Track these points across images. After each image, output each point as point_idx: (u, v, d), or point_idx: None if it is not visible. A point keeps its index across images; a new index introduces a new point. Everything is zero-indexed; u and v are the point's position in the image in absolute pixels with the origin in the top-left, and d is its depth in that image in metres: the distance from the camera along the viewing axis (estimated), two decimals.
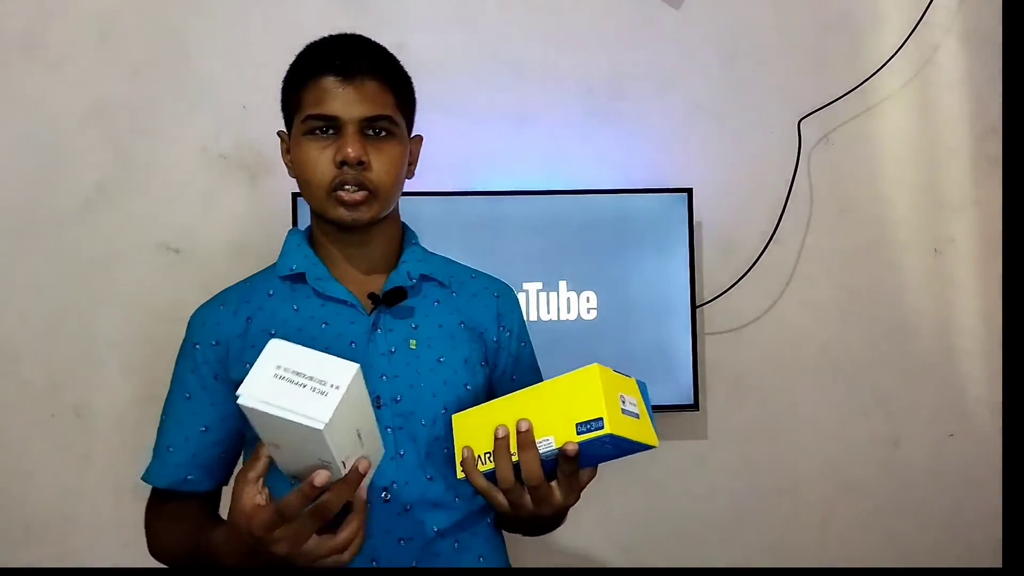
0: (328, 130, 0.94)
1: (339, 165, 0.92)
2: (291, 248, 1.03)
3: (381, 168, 0.94)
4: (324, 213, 0.96)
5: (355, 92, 0.92)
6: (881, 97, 1.81)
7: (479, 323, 1.02)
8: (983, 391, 1.80)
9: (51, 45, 1.69)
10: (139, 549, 1.66)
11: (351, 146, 0.91)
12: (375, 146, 0.94)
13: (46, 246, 1.67)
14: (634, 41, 1.78)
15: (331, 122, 0.93)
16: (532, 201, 1.65)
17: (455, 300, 1.03)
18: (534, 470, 0.77)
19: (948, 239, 1.81)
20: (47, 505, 1.66)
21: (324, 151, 0.93)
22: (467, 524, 0.97)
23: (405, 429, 0.93)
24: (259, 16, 1.72)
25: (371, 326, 0.96)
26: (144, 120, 1.70)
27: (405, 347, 0.96)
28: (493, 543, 1.01)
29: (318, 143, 0.94)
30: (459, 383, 0.97)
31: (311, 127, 0.94)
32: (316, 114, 0.93)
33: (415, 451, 0.93)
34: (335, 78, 0.93)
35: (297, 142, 0.96)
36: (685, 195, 1.67)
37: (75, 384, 1.67)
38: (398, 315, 0.98)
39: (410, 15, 1.74)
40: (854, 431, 1.79)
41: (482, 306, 1.04)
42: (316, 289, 0.97)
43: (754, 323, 1.79)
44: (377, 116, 0.93)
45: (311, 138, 0.94)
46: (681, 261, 1.67)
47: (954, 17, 1.82)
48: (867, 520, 1.80)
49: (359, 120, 0.93)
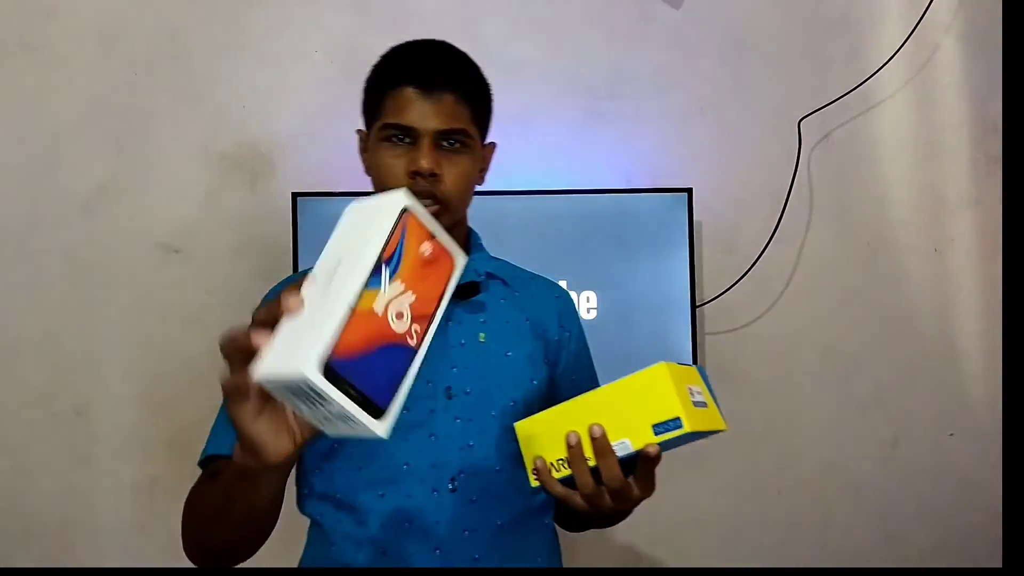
0: (404, 139, 0.96)
1: (411, 175, 0.94)
2: None
3: (452, 180, 0.96)
4: None
5: (433, 105, 0.95)
6: (881, 97, 1.81)
7: (541, 322, 1.05)
8: (983, 391, 1.80)
9: (51, 45, 1.69)
10: (139, 549, 1.67)
11: (424, 158, 0.93)
12: (448, 158, 0.96)
13: (46, 246, 1.67)
14: (634, 41, 1.78)
15: (407, 132, 0.95)
16: (532, 201, 1.65)
17: (519, 299, 1.05)
18: (615, 474, 0.76)
19: (948, 239, 1.81)
20: (47, 505, 1.66)
21: (399, 159, 0.95)
22: (528, 520, 0.98)
23: (475, 421, 0.95)
24: (259, 16, 1.72)
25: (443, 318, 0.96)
26: (144, 120, 1.70)
27: (475, 340, 0.98)
28: (551, 544, 1.02)
29: (394, 150, 0.96)
30: (526, 377, 0.99)
31: (388, 134, 0.96)
32: (393, 123, 0.95)
33: (484, 443, 0.94)
34: (415, 90, 0.95)
35: (375, 146, 0.98)
36: (685, 195, 1.67)
37: (75, 384, 1.67)
38: (468, 309, 1.00)
39: (410, 15, 1.74)
40: (854, 431, 1.79)
41: (543, 306, 1.07)
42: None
43: (754, 323, 1.79)
44: (452, 130, 0.96)
45: (388, 145, 0.96)
46: (681, 261, 1.67)
47: (954, 17, 1.81)
48: (867, 520, 1.80)
49: (434, 132, 0.95)
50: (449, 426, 0.94)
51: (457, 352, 0.97)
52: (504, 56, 1.74)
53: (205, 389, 1.68)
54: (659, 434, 0.74)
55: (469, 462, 0.94)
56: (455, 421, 0.94)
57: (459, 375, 0.96)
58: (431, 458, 0.93)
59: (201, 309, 1.69)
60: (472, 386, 0.96)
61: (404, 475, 0.92)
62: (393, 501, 0.92)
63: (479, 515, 0.93)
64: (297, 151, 1.72)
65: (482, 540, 0.93)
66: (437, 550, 0.91)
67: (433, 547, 0.91)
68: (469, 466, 0.94)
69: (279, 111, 1.72)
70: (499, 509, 0.94)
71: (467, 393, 0.95)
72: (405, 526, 0.91)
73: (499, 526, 0.94)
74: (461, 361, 0.96)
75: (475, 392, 0.96)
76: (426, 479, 0.92)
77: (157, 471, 1.68)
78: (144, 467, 1.68)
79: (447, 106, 0.95)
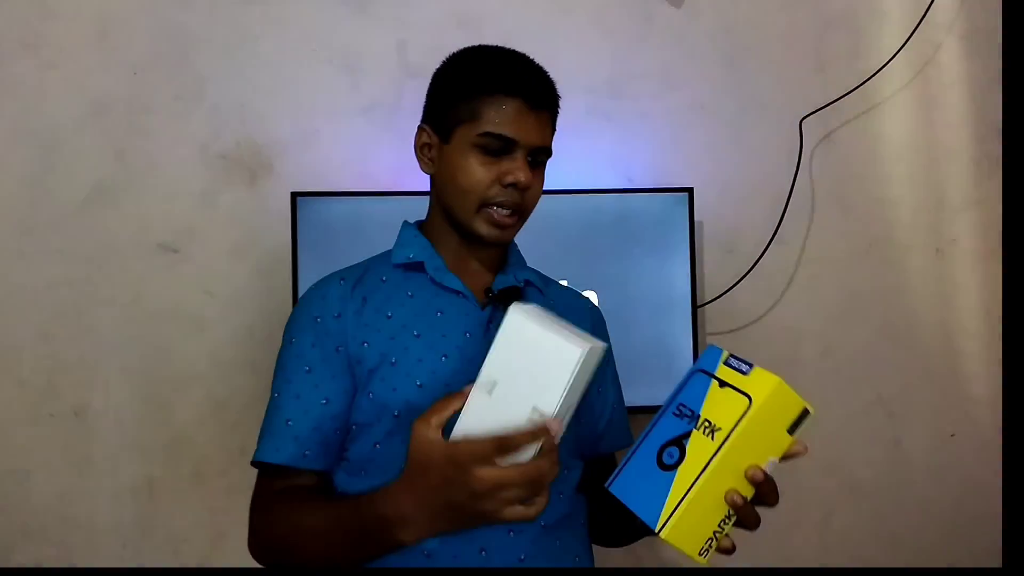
0: (499, 151, 0.97)
1: (506, 186, 0.96)
2: (408, 239, 1.05)
3: (533, 194, 1.00)
4: (468, 224, 0.99)
5: (536, 121, 0.97)
6: (882, 97, 1.80)
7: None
8: (984, 391, 1.80)
9: (51, 44, 1.68)
10: (138, 549, 1.67)
11: (523, 171, 0.96)
12: (534, 173, 0.99)
13: (46, 246, 1.67)
14: (635, 40, 1.78)
15: (507, 143, 0.96)
16: None
17: (555, 308, 1.06)
18: (776, 492, 0.82)
19: (950, 239, 1.81)
20: (46, 505, 1.66)
21: (490, 167, 0.97)
22: (568, 522, 0.98)
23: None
24: (259, 16, 1.72)
25: (486, 320, 0.99)
26: (144, 120, 1.70)
27: None
28: (586, 543, 1.03)
29: (486, 158, 0.97)
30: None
31: (485, 143, 0.96)
32: (497, 133, 0.96)
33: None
34: (523, 104, 0.96)
35: (463, 152, 0.98)
36: (686, 195, 1.67)
37: (74, 385, 1.67)
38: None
39: (410, 15, 1.73)
40: (854, 431, 1.79)
41: (577, 317, 1.07)
42: (434, 279, 1.00)
43: (755, 323, 1.78)
44: (544, 147, 1.00)
45: (481, 152, 0.97)
46: (682, 261, 1.66)
47: (955, 17, 1.81)
48: (867, 520, 1.79)
49: (530, 147, 0.97)
50: None
51: None
52: None
53: (204, 390, 1.69)
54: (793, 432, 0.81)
55: None
56: None
57: None
58: None
59: (200, 309, 1.69)
60: None
61: None
62: None
63: None
64: (297, 151, 1.71)
65: (527, 541, 0.93)
66: (482, 552, 0.91)
67: (478, 549, 0.91)
68: None
69: (279, 111, 1.72)
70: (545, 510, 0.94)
71: None
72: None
73: (543, 528, 0.94)
74: None
75: None
76: None
77: (156, 472, 1.68)
78: (143, 468, 1.68)
79: (544, 123, 0.99)
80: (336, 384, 0.96)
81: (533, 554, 0.93)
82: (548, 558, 0.94)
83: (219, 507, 1.67)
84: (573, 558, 0.98)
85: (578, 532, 1.01)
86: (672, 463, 0.81)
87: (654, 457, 0.82)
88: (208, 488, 1.67)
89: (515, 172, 0.95)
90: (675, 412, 0.83)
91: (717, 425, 0.80)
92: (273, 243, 1.68)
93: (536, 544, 0.93)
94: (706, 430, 0.80)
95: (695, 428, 0.81)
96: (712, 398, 0.82)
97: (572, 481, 1.00)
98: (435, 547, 0.89)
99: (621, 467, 0.85)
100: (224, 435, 1.68)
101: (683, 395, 0.84)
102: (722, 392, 0.81)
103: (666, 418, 0.84)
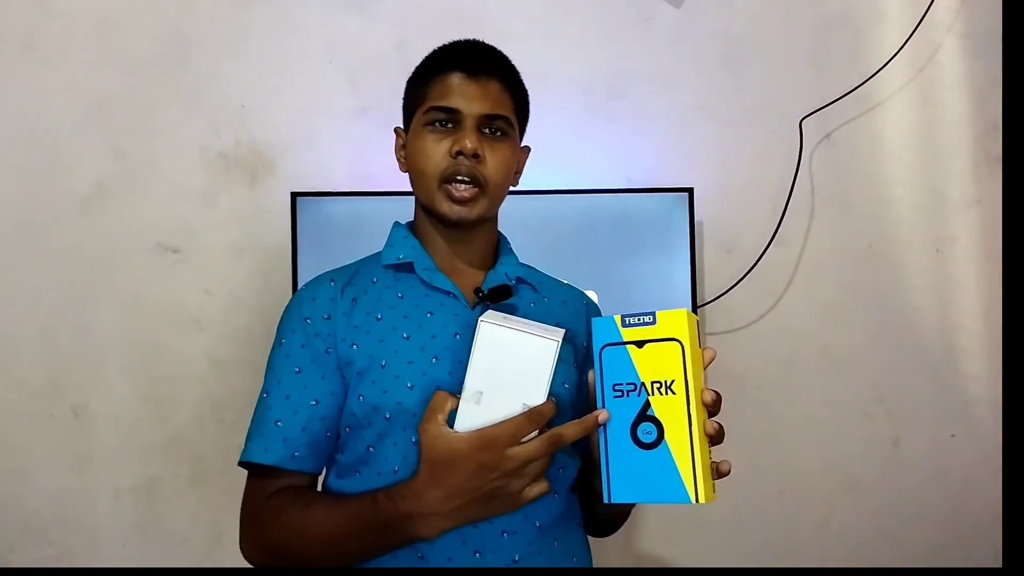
0: (448, 123, 0.97)
1: (454, 155, 0.96)
2: (398, 239, 1.05)
3: (493, 164, 0.98)
4: (432, 205, 0.99)
5: (478, 89, 0.97)
6: (882, 97, 1.80)
7: (570, 327, 1.04)
8: (984, 391, 1.80)
9: (50, 44, 1.68)
10: (138, 549, 1.67)
11: (469, 138, 0.95)
12: (490, 144, 0.98)
13: (45, 246, 1.67)
14: (634, 40, 1.78)
15: (452, 115, 0.97)
16: (532, 201, 1.64)
17: (548, 304, 1.06)
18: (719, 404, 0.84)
19: (950, 238, 1.81)
20: (46, 505, 1.66)
21: (441, 142, 0.97)
22: (563, 521, 0.98)
23: None
24: (259, 16, 1.72)
25: (477, 320, 0.97)
26: (144, 119, 1.70)
27: None
28: (583, 543, 1.02)
29: (436, 134, 0.98)
30: (559, 380, 0.98)
31: (432, 119, 0.98)
32: (439, 106, 0.97)
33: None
34: (461, 74, 0.97)
35: (416, 133, 1.00)
36: (686, 195, 1.67)
37: (74, 384, 1.67)
38: (500, 311, 1.00)
39: (410, 15, 1.73)
40: (854, 431, 1.79)
41: (572, 312, 1.07)
42: (423, 279, 1.00)
43: (755, 323, 1.78)
44: (496, 115, 0.98)
45: (431, 129, 0.98)
46: (682, 261, 1.67)
47: (955, 17, 1.81)
48: (867, 520, 1.79)
49: (479, 116, 0.97)
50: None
51: None
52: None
53: (203, 389, 1.69)
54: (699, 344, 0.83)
55: None
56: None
57: None
58: None
59: (200, 309, 1.69)
60: None
61: None
62: None
63: (517, 517, 0.92)
64: (296, 151, 1.71)
65: (522, 542, 0.92)
66: (477, 553, 0.90)
67: (472, 550, 0.90)
68: None
69: (278, 111, 1.72)
70: (537, 511, 0.93)
71: None
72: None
73: (538, 528, 0.94)
74: None
75: None
76: None
77: (156, 471, 1.68)
78: (143, 467, 1.68)
79: (492, 91, 0.98)
80: (325, 385, 0.96)
81: (528, 555, 0.92)
82: (544, 558, 0.93)
83: (219, 507, 1.67)
84: (570, 558, 0.98)
85: (574, 532, 1.00)
86: (654, 438, 0.80)
87: (630, 444, 0.81)
88: (208, 488, 1.67)
89: (461, 140, 0.95)
90: (615, 395, 0.82)
91: (667, 379, 0.80)
92: (273, 243, 1.68)
93: (532, 545, 0.93)
94: (661, 390, 0.80)
95: (649, 395, 0.80)
96: (640, 361, 0.81)
97: (567, 481, 0.99)
98: (428, 549, 0.89)
99: (605, 478, 0.83)
100: (224, 435, 1.68)
101: (608, 376, 0.83)
102: (645, 350, 0.81)
103: (610, 405, 0.82)
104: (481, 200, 0.98)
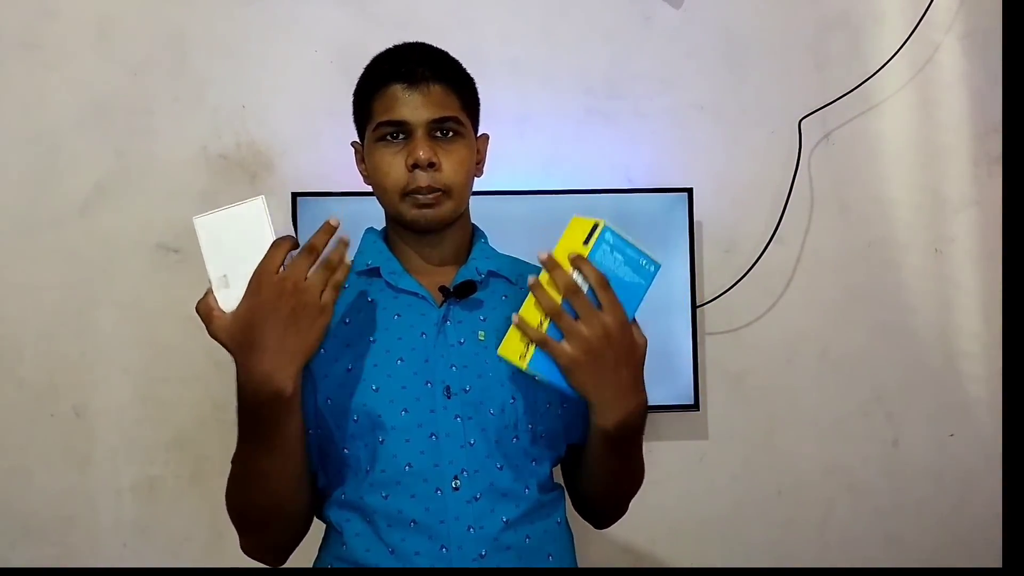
0: (399, 135, 0.98)
1: (411, 168, 0.96)
2: (367, 245, 1.07)
3: (451, 168, 0.98)
4: (400, 216, 1.00)
5: (421, 97, 0.97)
6: (882, 97, 1.80)
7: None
8: (983, 391, 1.80)
9: (50, 45, 1.69)
10: (138, 549, 1.67)
11: (421, 149, 0.96)
12: (444, 147, 0.98)
13: (45, 246, 1.67)
14: (634, 41, 1.78)
15: (401, 127, 0.97)
16: (532, 201, 1.65)
17: (522, 295, 1.05)
18: (592, 271, 0.88)
19: (949, 239, 1.81)
20: (46, 505, 1.66)
21: (396, 156, 0.98)
22: (536, 518, 0.97)
23: (474, 419, 0.95)
24: (258, 16, 1.72)
25: (441, 318, 0.99)
26: (143, 120, 1.70)
27: (474, 338, 0.99)
28: (562, 542, 1.02)
29: (390, 149, 0.98)
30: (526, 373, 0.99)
31: (382, 134, 0.98)
32: (386, 120, 0.97)
33: (484, 440, 0.95)
34: (401, 85, 0.97)
35: (371, 149, 1.00)
36: (685, 195, 1.67)
37: (75, 384, 1.67)
38: (467, 308, 1.01)
39: (410, 15, 1.73)
40: (854, 431, 1.79)
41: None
42: (389, 282, 1.01)
43: (755, 323, 1.79)
44: (444, 118, 0.98)
45: (383, 144, 0.99)
46: (681, 261, 1.67)
47: (954, 17, 1.81)
48: (867, 520, 1.80)
49: (427, 123, 0.97)
50: (449, 425, 0.94)
51: (456, 351, 0.97)
52: (504, 56, 1.74)
53: (204, 389, 1.69)
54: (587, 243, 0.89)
55: (471, 460, 0.94)
56: (455, 420, 0.94)
57: (458, 374, 0.96)
58: (433, 458, 0.93)
59: None
60: (471, 384, 0.96)
61: (407, 476, 0.93)
62: (397, 502, 0.93)
63: (483, 513, 0.93)
64: (297, 151, 1.71)
65: (487, 537, 0.93)
66: (443, 548, 0.92)
67: (439, 546, 0.92)
68: (471, 464, 0.94)
69: (279, 111, 1.72)
70: (504, 506, 0.94)
71: (466, 391, 0.96)
72: (411, 526, 0.92)
73: (505, 523, 0.94)
74: (460, 360, 0.97)
75: (474, 390, 0.96)
76: (429, 479, 0.93)
77: (157, 471, 1.68)
78: (143, 467, 1.68)
79: (436, 96, 0.97)
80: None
81: (495, 550, 0.93)
82: (513, 555, 0.94)
83: (219, 507, 1.65)
84: (545, 556, 0.97)
85: (552, 530, 1.00)
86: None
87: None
88: (208, 488, 1.67)
89: (413, 152, 0.96)
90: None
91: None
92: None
93: (497, 540, 0.93)
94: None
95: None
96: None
97: (540, 476, 0.99)
98: (398, 543, 0.92)
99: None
100: (225, 435, 1.65)
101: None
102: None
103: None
104: (446, 203, 0.99)
